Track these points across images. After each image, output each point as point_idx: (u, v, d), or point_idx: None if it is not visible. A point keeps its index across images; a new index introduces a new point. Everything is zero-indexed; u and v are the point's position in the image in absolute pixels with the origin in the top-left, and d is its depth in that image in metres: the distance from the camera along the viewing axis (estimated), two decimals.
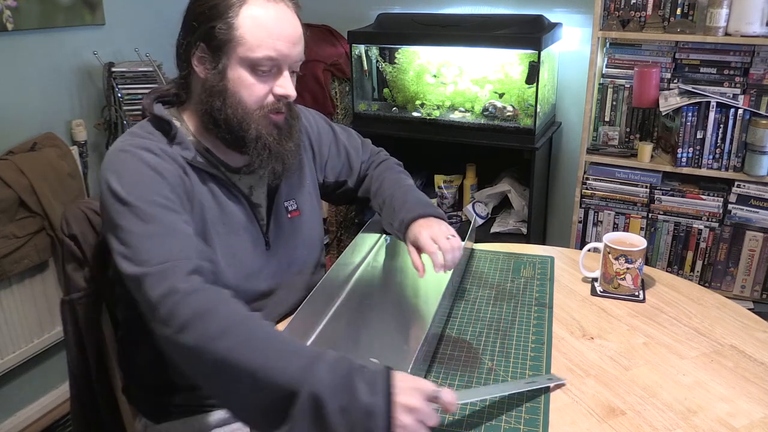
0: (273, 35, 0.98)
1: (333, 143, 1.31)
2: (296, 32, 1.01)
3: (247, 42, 0.97)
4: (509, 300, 1.20)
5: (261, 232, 1.12)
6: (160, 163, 0.98)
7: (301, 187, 1.21)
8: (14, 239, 1.80)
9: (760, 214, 1.93)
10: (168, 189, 0.96)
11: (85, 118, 2.15)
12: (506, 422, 0.87)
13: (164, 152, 0.99)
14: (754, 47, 1.90)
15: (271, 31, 0.97)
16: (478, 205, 2.34)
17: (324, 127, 1.31)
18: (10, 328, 1.89)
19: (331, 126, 1.33)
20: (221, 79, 1.00)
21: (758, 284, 2.00)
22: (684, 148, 1.98)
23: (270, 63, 0.99)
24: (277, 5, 0.99)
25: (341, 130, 1.35)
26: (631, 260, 1.17)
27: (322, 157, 1.29)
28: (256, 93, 1.01)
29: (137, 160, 0.96)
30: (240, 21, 0.97)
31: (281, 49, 0.99)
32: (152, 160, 0.97)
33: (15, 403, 2.05)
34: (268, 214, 1.14)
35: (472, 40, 2.12)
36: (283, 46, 0.99)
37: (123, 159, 0.97)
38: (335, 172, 1.32)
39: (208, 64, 1.00)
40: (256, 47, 0.97)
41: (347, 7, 2.61)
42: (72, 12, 2.06)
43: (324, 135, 1.29)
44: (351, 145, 1.34)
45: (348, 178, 1.33)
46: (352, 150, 1.33)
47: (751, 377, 0.97)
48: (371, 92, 2.52)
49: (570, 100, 2.36)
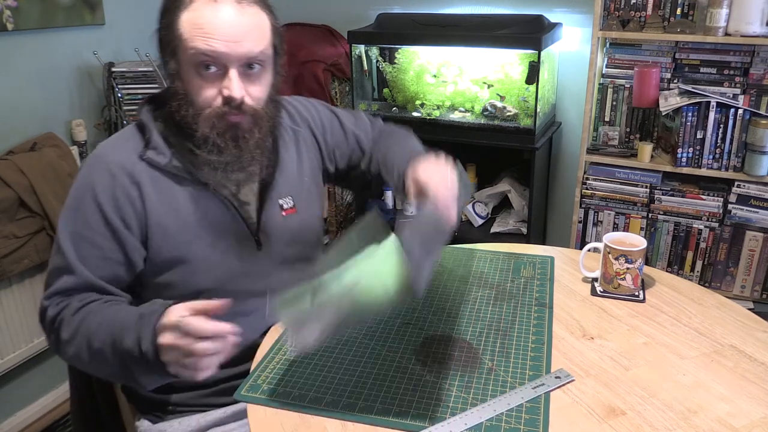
0: (207, 33, 0.97)
1: (339, 129, 1.29)
2: (238, 30, 0.98)
3: (185, 42, 0.98)
4: (509, 300, 1.20)
5: (249, 231, 1.10)
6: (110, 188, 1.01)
7: (299, 183, 1.19)
8: (14, 239, 1.80)
9: (760, 214, 1.93)
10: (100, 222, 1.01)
11: (85, 118, 2.15)
12: (506, 422, 0.87)
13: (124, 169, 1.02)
14: (754, 47, 1.90)
15: (205, 30, 0.97)
16: (478, 205, 2.34)
17: (326, 114, 1.29)
18: (10, 328, 1.89)
19: (334, 112, 1.31)
20: (174, 80, 1.02)
21: (758, 284, 2.00)
22: (684, 148, 1.98)
23: (209, 61, 0.98)
24: (218, 5, 0.98)
25: (347, 115, 1.33)
26: (631, 260, 1.17)
27: (328, 146, 1.27)
28: (203, 94, 1.00)
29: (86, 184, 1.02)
30: (180, 23, 0.98)
31: (216, 47, 0.97)
32: (102, 184, 1.01)
33: (15, 403, 2.05)
34: (259, 212, 1.12)
35: (472, 40, 2.12)
36: (219, 44, 0.97)
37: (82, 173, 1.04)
38: (345, 158, 1.30)
39: (170, 61, 1.02)
40: (191, 46, 0.97)
41: (347, 7, 2.61)
42: (72, 12, 2.06)
43: (328, 123, 1.28)
44: (360, 128, 1.32)
45: (360, 161, 1.30)
46: (362, 133, 1.31)
47: (751, 377, 0.97)
48: (371, 92, 2.52)
49: (570, 100, 2.36)
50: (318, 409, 0.91)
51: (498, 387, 0.95)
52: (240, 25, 0.98)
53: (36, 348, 1.99)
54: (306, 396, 0.94)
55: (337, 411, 0.90)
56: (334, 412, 0.90)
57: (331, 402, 0.92)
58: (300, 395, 0.94)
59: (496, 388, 0.95)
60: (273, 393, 0.95)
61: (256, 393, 0.95)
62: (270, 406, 0.93)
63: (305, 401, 0.93)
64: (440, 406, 0.91)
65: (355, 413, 0.90)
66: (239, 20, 0.99)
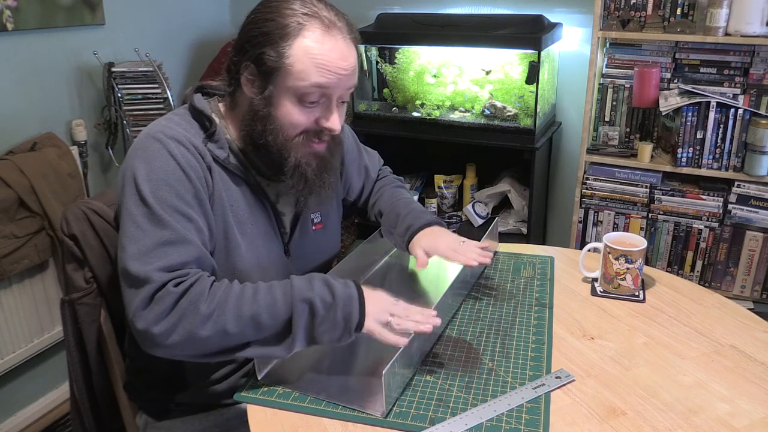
0: (322, 66, 0.96)
1: (357, 162, 1.32)
2: (349, 64, 0.99)
3: (295, 72, 0.96)
4: (509, 300, 1.20)
5: (281, 240, 1.13)
6: (190, 160, 0.97)
7: (329, 200, 1.21)
8: (14, 239, 1.80)
9: (760, 214, 1.93)
10: (191, 193, 0.96)
11: (85, 118, 2.15)
12: (506, 422, 0.87)
13: (195, 148, 0.99)
14: (754, 47, 1.90)
15: (320, 62, 0.96)
16: (478, 205, 2.34)
17: (352, 146, 1.31)
18: (10, 328, 1.89)
19: (359, 146, 1.34)
20: (266, 105, 0.99)
21: (758, 284, 2.00)
22: (684, 148, 1.98)
23: (318, 93, 0.98)
24: (332, 37, 0.97)
25: (364, 150, 1.36)
26: (631, 260, 1.17)
27: (348, 177, 1.30)
28: (300, 123, 1.00)
29: (167, 155, 0.96)
30: (292, 51, 0.95)
31: (330, 80, 0.97)
32: (183, 156, 0.97)
33: (15, 403, 2.05)
34: (294, 224, 1.15)
35: (472, 40, 2.12)
36: (333, 77, 0.97)
37: (154, 150, 0.97)
38: (355, 192, 1.34)
39: (256, 87, 1.00)
40: (305, 77, 0.96)
41: (347, 7, 2.58)
42: (72, 12, 2.06)
43: (352, 156, 1.30)
44: (371, 165, 1.36)
45: (360, 197, 1.36)
46: (372, 172, 1.36)
47: (751, 377, 0.97)
48: (371, 92, 2.52)
49: (570, 100, 2.36)
50: (318, 409, 0.91)
51: (498, 387, 0.95)
52: (351, 60, 0.99)
53: (36, 348, 1.99)
54: (306, 396, 0.94)
55: (337, 411, 0.90)
56: (334, 413, 0.90)
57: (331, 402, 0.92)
58: (300, 395, 0.94)
59: (497, 388, 0.95)
60: (273, 393, 0.95)
61: (257, 393, 0.95)
62: (270, 406, 0.93)
63: (305, 401, 0.93)
64: (440, 406, 0.91)
65: (355, 413, 0.90)
66: (351, 56, 0.99)
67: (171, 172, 0.95)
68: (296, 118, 0.99)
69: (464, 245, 1.17)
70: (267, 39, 0.96)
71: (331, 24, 0.98)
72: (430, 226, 1.21)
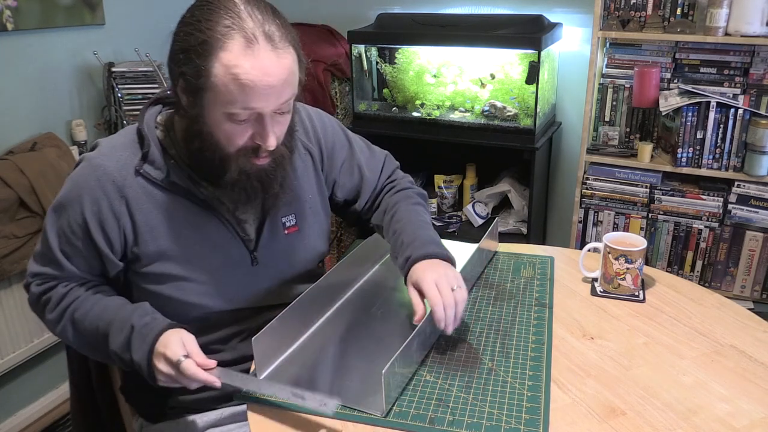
0: (245, 86, 0.89)
1: (347, 160, 1.23)
2: (275, 79, 0.91)
3: (220, 93, 0.90)
4: (509, 300, 1.20)
5: (246, 249, 1.08)
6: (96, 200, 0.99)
7: (297, 201, 1.14)
8: (14, 239, 1.80)
9: (760, 214, 1.93)
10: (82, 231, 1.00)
11: (85, 118, 2.15)
12: (506, 422, 0.87)
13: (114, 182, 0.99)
14: (754, 47, 1.90)
15: (242, 82, 0.89)
16: (478, 205, 2.34)
17: (340, 138, 1.23)
18: (10, 328, 1.89)
19: (350, 140, 1.25)
20: (198, 119, 0.95)
21: (758, 284, 2.00)
22: (684, 148, 1.98)
23: (247, 113, 0.92)
24: (254, 53, 0.89)
25: (362, 148, 1.27)
26: (631, 260, 1.17)
27: (333, 171, 1.22)
28: (235, 141, 0.95)
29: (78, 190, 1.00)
30: (214, 71, 0.89)
31: (256, 99, 0.91)
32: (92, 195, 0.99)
33: (15, 403, 2.05)
34: (259, 230, 1.10)
35: (472, 40, 2.12)
36: (258, 96, 0.90)
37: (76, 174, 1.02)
38: (345, 191, 1.24)
39: (189, 102, 0.95)
40: (230, 99, 0.90)
41: (347, 7, 2.61)
42: (72, 12, 2.06)
43: (339, 148, 1.22)
44: (369, 166, 1.25)
45: (357, 201, 1.25)
46: (369, 173, 1.25)
47: (751, 377, 0.97)
48: (371, 92, 2.52)
49: (570, 100, 2.36)
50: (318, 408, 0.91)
51: (498, 387, 0.95)
52: (278, 75, 0.91)
53: (36, 348, 1.99)
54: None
55: (337, 411, 0.90)
56: (334, 413, 0.90)
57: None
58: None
59: (496, 388, 0.95)
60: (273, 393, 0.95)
61: (256, 393, 0.95)
62: (270, 405, 0.93)
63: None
64: (440, 406, 0.91)
65: (355, 413, 0.90)
66: (278, 70, 0.91)
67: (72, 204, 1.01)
68: (230, 135, 0.95)
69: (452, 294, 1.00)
70: (187, 57, 0.91)
71: (253, 37, 0.89)
72: (429, 258, 1.06)
